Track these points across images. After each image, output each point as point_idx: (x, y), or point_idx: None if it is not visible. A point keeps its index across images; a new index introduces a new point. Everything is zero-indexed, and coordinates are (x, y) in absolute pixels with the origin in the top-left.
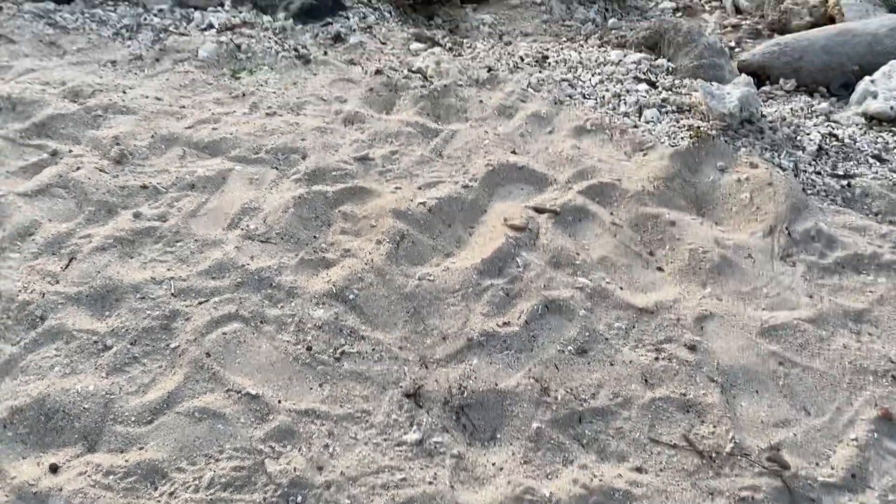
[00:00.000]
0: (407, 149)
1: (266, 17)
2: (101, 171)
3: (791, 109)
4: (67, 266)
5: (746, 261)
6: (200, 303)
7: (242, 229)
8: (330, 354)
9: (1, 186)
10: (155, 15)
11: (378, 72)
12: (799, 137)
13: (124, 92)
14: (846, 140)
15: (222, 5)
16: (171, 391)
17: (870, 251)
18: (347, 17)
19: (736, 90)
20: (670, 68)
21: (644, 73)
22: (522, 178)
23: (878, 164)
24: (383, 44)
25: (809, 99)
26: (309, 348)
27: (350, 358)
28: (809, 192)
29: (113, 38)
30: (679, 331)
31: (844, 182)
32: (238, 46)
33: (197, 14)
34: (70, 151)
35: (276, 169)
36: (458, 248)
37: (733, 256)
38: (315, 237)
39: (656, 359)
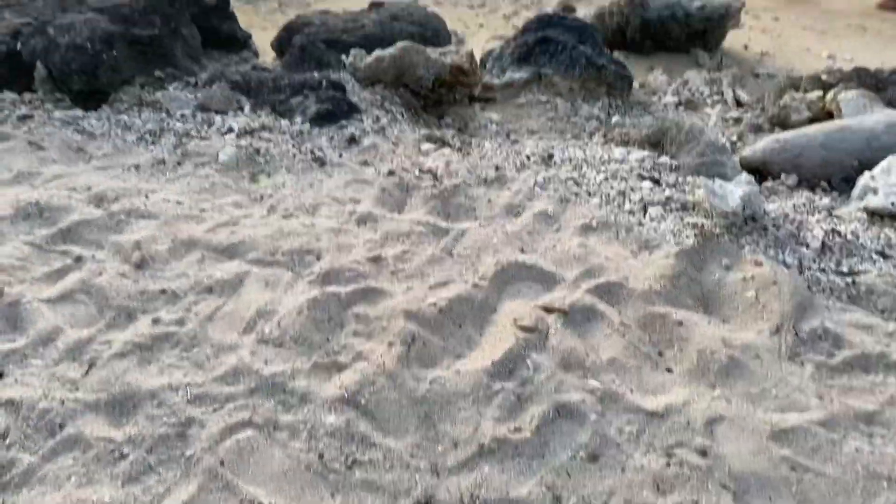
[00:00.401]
0: (418, 248)
1: (284, 121)
2: (122, 276)
3: (793, 205)
4: (87, 373)
5: (755, 361)
6: (215, 409)
7: (257, 333)
8: (342, 462)
9: (27, 293)
10: (178, 120)
11: (391, 173)
12: (802, 234)
13: (146, 196)
14: (849, 236)
15: (242, 109)
16: (186, 502)
17: (878, 350)
18: (362, 120)
19: (738, 189)
20: (674, 165)
21: (648, 171)
22: (531, 277)
23: (882, 260)
24: (395, 145)
25: (811, 194)
26: (321, 456)
27: (361, 466)
28: (815, 289)
29: (137, 143)
30: (689, 434)
31: (849, 279)
32: (257, 150)
33: (218, 118)
34: (93, 257)
35: (292, 270)
36: (469, 350)
37: (741, 357)
38: (328, 340)
39: (667, 464)
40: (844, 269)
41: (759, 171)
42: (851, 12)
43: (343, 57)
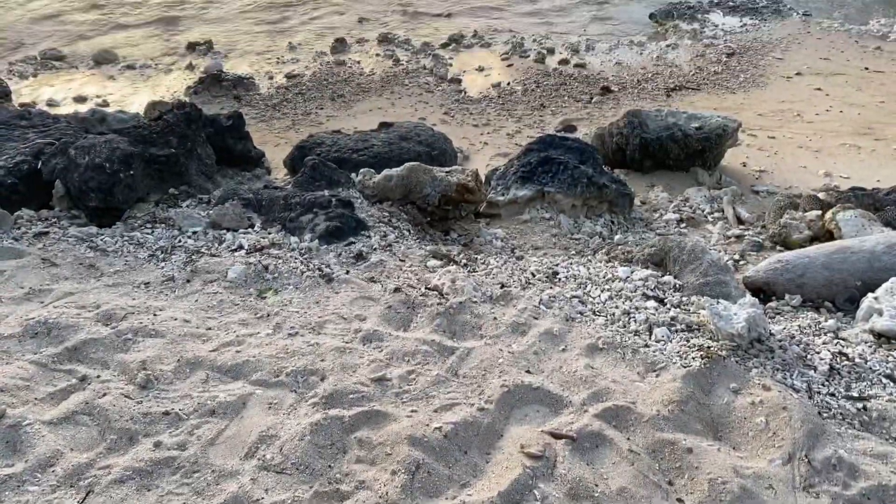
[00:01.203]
0: (423, 368)
1: (293, 238)
2: (126, 397)
3: (799, 327)
4: (84, 500)
5: (767, 492)
6: None
7: (259, 458)
8: None
9: (28, 415)
10: (189, 237)
11: (397, 290)
12: (809, 356)
13: (154, 314)
14: (857, 359)
15: (253, 227)
16: None
17: (894, 481)
18: (369, 237)
19: (742, 311)
20: (677, 285)
21: (652, 290)
22: (538, 400)
23: (891, 384)
24: (402, 261)
25: (816, 315)
26: None
27: None
28: (825, 415)
29: (148, 260)
30: None
31: (860, 405)
32: (265, 267)
33: (229, 235)
34: (98, 377)
35: (295, 392)
36: (475, 478)
37: (753, 487)
38: (330, 467)
39: None
40: (854, 393)
41: (763, 291)
42: (844, 132)
43: (353, 175)
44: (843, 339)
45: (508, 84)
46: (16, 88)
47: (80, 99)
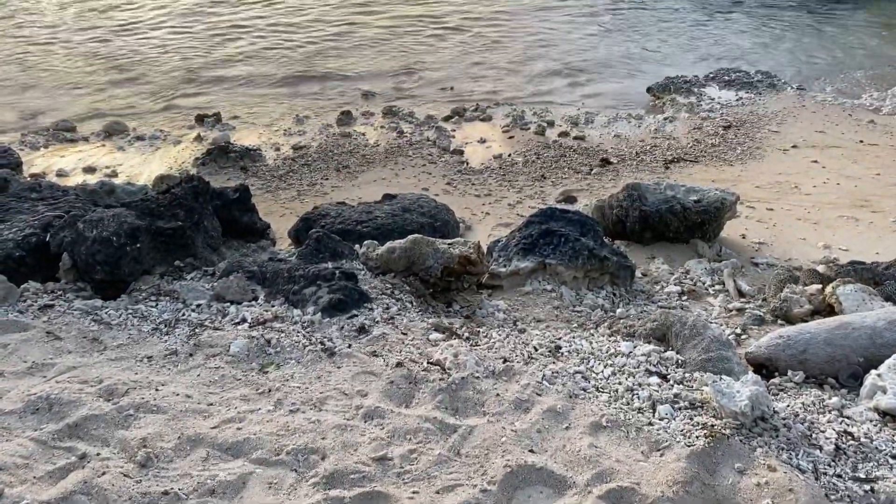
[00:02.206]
0: (425, 447)
1: (296, 311)
2: (125, 475)
3: (803, 404)
4: None
5: None
6: None
7: None
8: None
9: (27, 494)
10: (193, 310)
11: (399, 364)
12: (814, 435)
13: (156, 389)
14: (863, 438)
15: (256, 299)
16: None
17: None
18: (372, 309)
19: (745, 388)
20: (680, 361)
21: (655, 366)
22: (541, 480)
23: None
24: (405, 334)
25: (819, 392)
26: None
27: None
28: (833, 497)
29: (152, 334)
30: None
31: (867, 487)
32: (268, 341)
33: (232, 308)
34: (98, 454)
35: (296, 471)
36: None
37: None
38: None
39: None
40: (861, 475)
41: (765, 366)
42: (842, 204)
43: (356, 247)
44: (848, 418)
45: (509, 155)
46: (27, 159)
47: (90, 169)
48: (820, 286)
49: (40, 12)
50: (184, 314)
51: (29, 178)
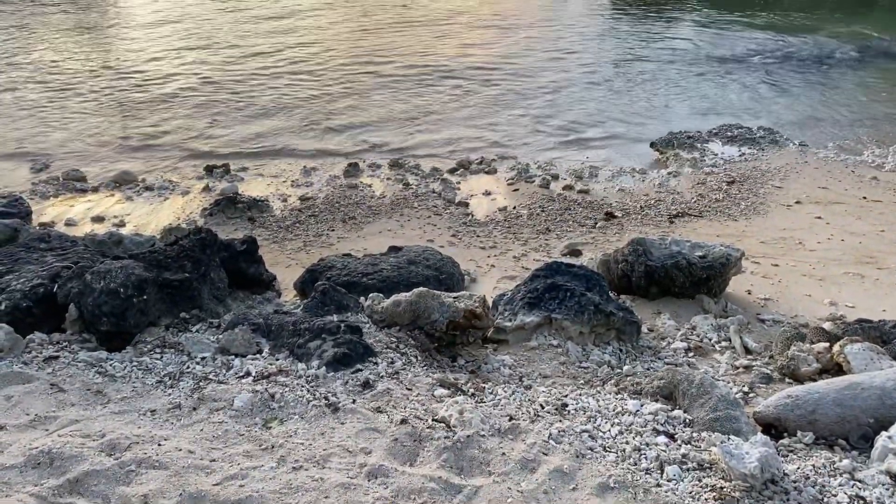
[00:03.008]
0: None
1: (301, 365)
2: None
3: (813, 466)
4: None
5: None
6: None
7: None
8: None
9: None
10: (198, 363)
11: (403, 421)
12: (826, 499)
13: (159, 444)
14: (875, 503)
15: (261, 352)
16: None
17: None
18: (377, 363)
19: (754, 450)
20: (687, 420)
21: (662, 425)
22: None
23: None
24: (409, 390)
25: (830, 454)
26: None
27: None
28: None
29: (156, 386)
30: None
31: None
32: (272, 395)
33: (237, 361)
34: None
35: None
36: None
37: None
38: None
39: None
40: None
41: (774, 426)
42: (847, 261)
43: (362, 299)
44: (860, 481)
45: (514, 208)
46: (38, 208)
47: (99, 219)
48: (827, 344)
49: (55, 61)
50: (188, 367)
51: (38, 228)
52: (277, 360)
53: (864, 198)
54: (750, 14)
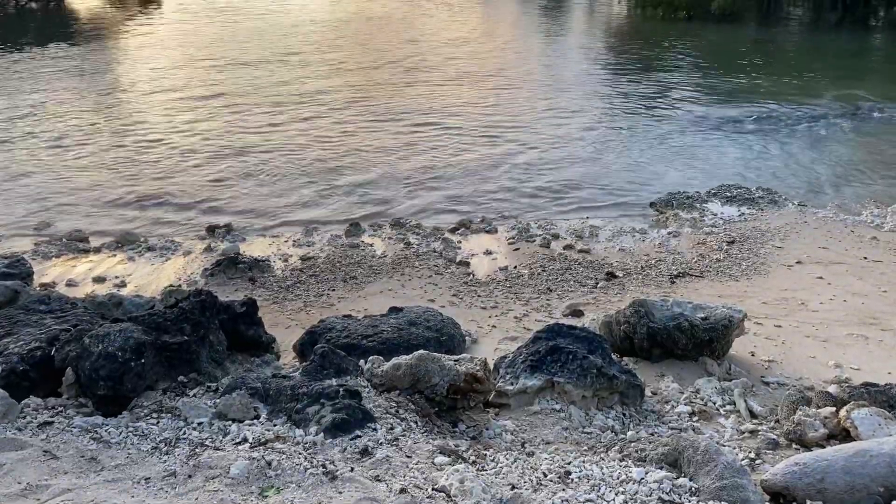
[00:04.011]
0: None
1: (299, 431)
2: None
3: None
4: None
5: None
6: None
7: None
8: None
9: None
10: (194, 428)
11: (402, 490)
12: None
13: None
14: None
15: (258, 418)
16: None
17: None
18: (376, 430)
19: None
20: (693, 489)
21: (668, 494)
22: None
23: None
24: (409, 457)
25: None
26: None
27: None
28: None
29: (151, 453)
30: None
31: None
32: (269, 463)
33: (234, 427)
34: None
35: None
36: None
37: None
38: None
39: None
40: None
41: (782, 495)
42: (850, 322)
43: (361, 362)
44: None
45: (515, 267)
46: (39, 269)
47: (100, 279)
48: (833, 409)
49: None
50: (184, 433)
51: (39, 288)
52: (275, 425)
53: (865, 258)
54: (742, 77)
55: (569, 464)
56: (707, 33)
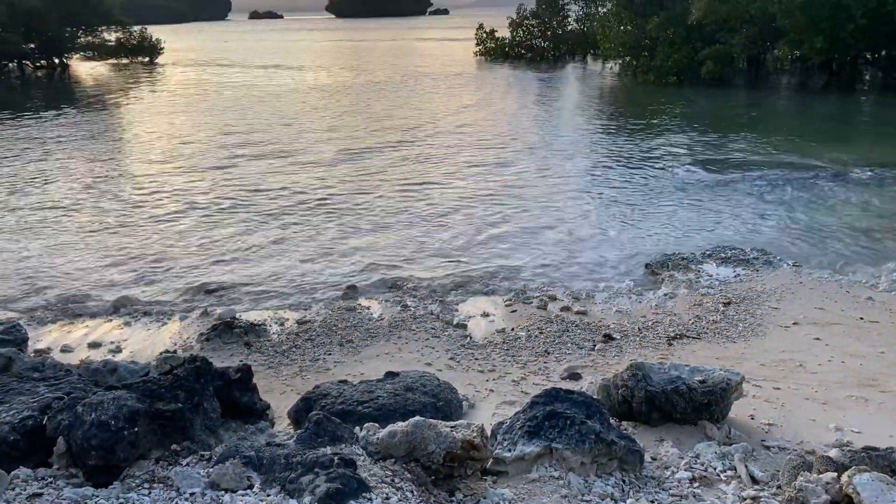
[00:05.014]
0: None
1: (292, 501)
2: None
3: None
4: None
5: None
6: None
7: None
8: None
9: None
10: (186, 499)
11: None
12: None
13: None
14: None
15: (252, 487)
16: None
17: None
18: (370, 499)
19: None
20: None
21: None
22: None
23: None
24: None
25: None
26: None
27: None
28: None
29: None
30: None
31: None
32: None
33: (227, 497)
34: None
35: None
36: None
37: None
38: None
39: None
40: None
41: None
42: (849, 384)
43: (357, 429)
44: None
45: (513, 330)
46: (34, 334)
47: (95, 345)
48: (835, 474)
49: (56, 187)
50: (176, 503)
51: (33, 355)
52: (269, 495)
53: (861, 318)
54: (733, 140)
55: None
56: (697, 97)
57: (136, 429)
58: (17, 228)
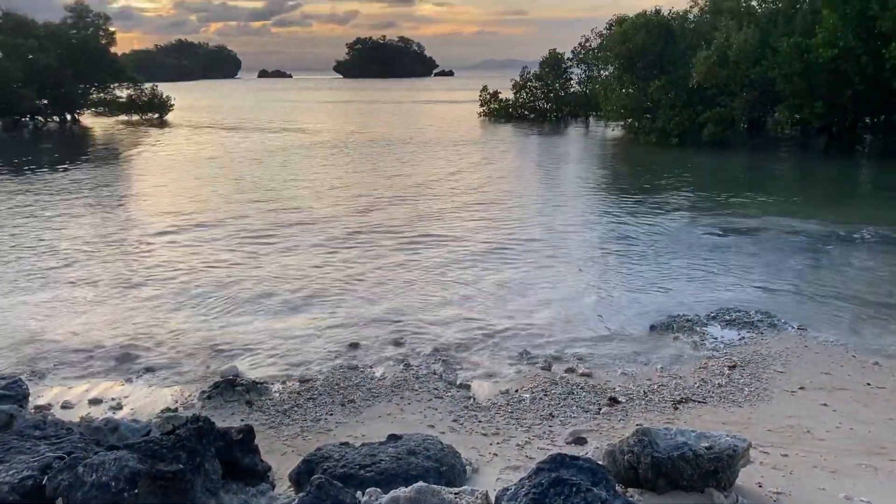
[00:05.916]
0: None
1: None
2: None
3: None
4: None
5: None
6: None
7: None
8: None
9: None
10: None
11: None
12: None
13: None
14: None
15: None
16: None
17: None
18: None
19: None
20: None
21: None
22: None
23: None
24: None
25: None
26: None
27: None
28: None
29: None
30: None
31: None
32: None
33: None
34: None
35: None
36: None
37: None
38: None
39: None
40: None
41: None
42: (858, 451)
43: (359, 494)
44: None
45: (517, 391)
46: (35, 390)
47: (96, 401)
48: None
49: (62, 244)
50: None
51: (34, 411)
52: None
53: (869, 384)
54: (735, 201)
55: None
56: (699, 158)
57: (136, 490)
58: (19, 282)
